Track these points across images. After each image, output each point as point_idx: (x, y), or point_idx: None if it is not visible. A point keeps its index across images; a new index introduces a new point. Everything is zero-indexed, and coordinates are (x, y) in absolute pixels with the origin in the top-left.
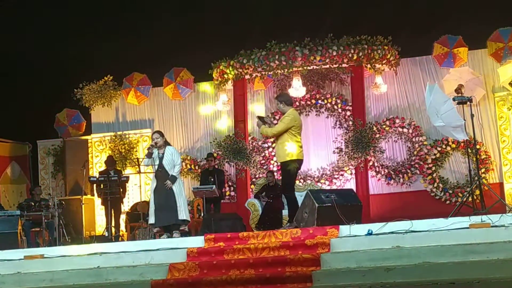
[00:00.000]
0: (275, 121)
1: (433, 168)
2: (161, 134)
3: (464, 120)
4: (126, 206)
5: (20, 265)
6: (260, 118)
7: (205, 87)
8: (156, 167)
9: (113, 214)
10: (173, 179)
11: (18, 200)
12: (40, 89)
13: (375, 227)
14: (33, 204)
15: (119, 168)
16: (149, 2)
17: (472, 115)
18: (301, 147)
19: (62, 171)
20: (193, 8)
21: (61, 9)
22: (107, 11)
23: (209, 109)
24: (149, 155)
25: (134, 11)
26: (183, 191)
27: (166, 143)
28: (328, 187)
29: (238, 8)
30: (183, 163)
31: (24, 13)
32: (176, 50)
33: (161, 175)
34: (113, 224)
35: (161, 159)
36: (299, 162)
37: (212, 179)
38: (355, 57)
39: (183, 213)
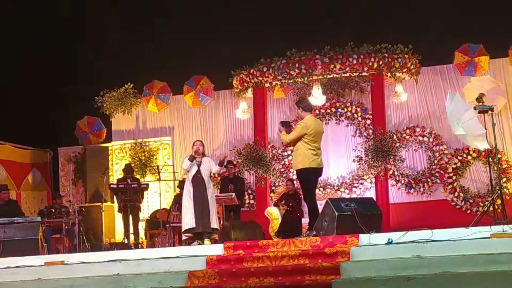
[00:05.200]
0: None
1: (454, 177)
2: (202, 143)
3: (485, 129)
4: (145, 213)
5: (40, 271)
6: (282, 123)
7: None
8: (194, 173)
9: (131, 221)
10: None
11: (38, 206)
12: (61, 96)
13: (395, 236)
14: (53, 210)
15: (137, 176)
16: (169, 10)
17: (493, 124)
18: (315, 155)
19: (83, 178)
20: (214, 16)
21: (81, 17)
22: (127, 19)
23: (228, 117)
24: (192, 158)
25: (155, 19)
26: (215, 200)
27: (204, 154)
28: (348, 196)
29: (258, 16)
30: None
31: (44, 20)
32: (196, 58)
33: (199, 181)
34: (131, 231)
35: (199, 165)
36: (315, 170)
37: (231, 187)
38: (375, 66)
39: (215, 222)
